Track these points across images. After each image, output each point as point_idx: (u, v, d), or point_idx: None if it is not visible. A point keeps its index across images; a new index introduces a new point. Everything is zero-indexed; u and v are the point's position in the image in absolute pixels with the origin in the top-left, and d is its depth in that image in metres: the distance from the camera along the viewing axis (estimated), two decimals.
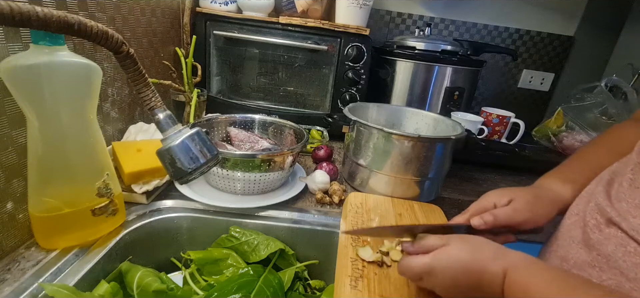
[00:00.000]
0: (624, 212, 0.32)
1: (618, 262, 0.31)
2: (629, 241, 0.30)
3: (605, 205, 0.34)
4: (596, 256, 0.33)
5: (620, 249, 0.31)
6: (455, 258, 0.34)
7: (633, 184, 0.33)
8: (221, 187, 0.60)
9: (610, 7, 1.18)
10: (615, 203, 0.34)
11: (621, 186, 0.34)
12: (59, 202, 0.42)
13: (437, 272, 0.35)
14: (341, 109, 0.84)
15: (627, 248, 0.30)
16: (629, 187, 0.33)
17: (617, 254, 0.31)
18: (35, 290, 0.38)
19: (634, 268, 0.29)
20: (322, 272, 0.58)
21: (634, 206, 0.32)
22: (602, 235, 0.33)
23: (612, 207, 0.34)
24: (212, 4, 0.88)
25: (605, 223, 0.34)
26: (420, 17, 1.21)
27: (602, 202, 0.35)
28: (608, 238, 0.32)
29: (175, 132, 0.37)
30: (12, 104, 0.40)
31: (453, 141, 0.62)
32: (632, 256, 0.30)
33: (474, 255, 0.34)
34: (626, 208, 0.32)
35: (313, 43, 0.89)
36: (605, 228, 0.33)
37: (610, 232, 0.33)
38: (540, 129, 1.10)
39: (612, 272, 0.31)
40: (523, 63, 1.28)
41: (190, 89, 0.78)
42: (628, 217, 0.31)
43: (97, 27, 0.31)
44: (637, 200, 0.32)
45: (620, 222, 0.32)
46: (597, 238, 0.33)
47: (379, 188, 0.64)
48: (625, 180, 0.34)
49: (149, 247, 0.54)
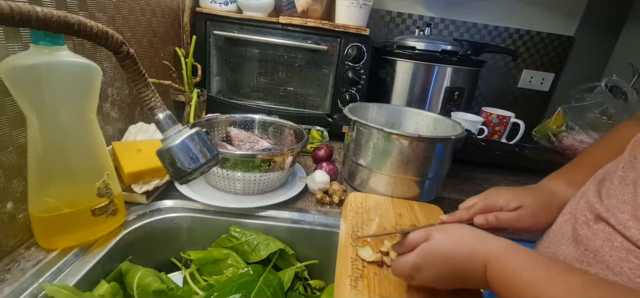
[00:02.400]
0: (613, 207, 0.33)
1: (605, 256, 0.31)
2: (616, 235, 0.31)
3: (595, 201, 0.35)
4: (584, 251, 0.33)
5: (607, 244, 0.31)
6: (436, 251, 0.35)
7: (623, 181, 0.34)
8: (221, 187, 0.60)
9: (610, 7, 1.18)
10: (605, 200, 0.34)
11: (612, 183, 0.35)
12: (59, 202, 0.42)
13: (423, 267, 0.36)
14: (341, 109, 0.84)
15: (614, 243, 0.31)
16: (619, 184, 0.34)
17: (604, 249, 0.31)
18: (35, 290, 0.38)
19: (620, 262, 0.30)
20: (322, 272, 0.58)
21: (622, 202, 0.32)
22: (591, 231, 0.34)
23: (601, 203, 0.34)
24: (212, 4, 0.88)
25: (593, 219, 0.34)
26: (420, 17, 1.21)
27: (592, 199, 0.35)
28: (596, 234, 0.33)
29: (175, 132, 0.37)
30: (12, 104, 0.40)
31: (453, 141, 0.62)
32: (618, 251, 0.30)
33: (454, 245, 0.35)
34: (615, 204, 0.33)
35: (313, 43, 0.89)
36: (593, 224, 0.34)
37: (598, 228, 0.33)
38: (540, 129, 1.10)
39: (599, 267, 0.32)
40: (523, 63, 1.28)
41: (190, 89, 0.78)
42: (616, 212, 0.32)
43: (97, 27, 0.31)
44: (626, 196, 0.32)
45: (608, 217, 0.32)
46: (585, 234, 0.34)
47: (379, 188, 0.64)
48: (616, 178, 0.35)
49: (149, 247, 0.54)
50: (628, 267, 0.29)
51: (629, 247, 0.30)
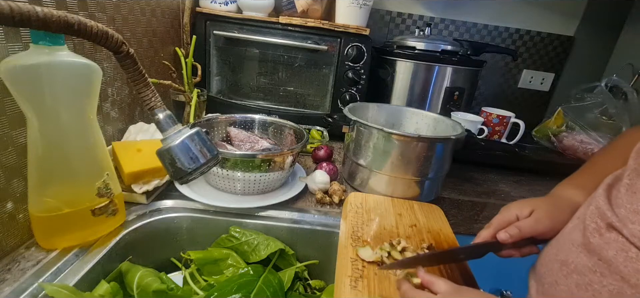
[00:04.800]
0: (623, 217, 0.32)
1: (619, 267, 0.31)
2: (630, 247, 0.30)
3: (606, 209, 0.34)
4: (597, 261, 0.33)
5: (621, 254, 0.31)
6: None
7: (630, 189, 0.33)
8: (221, 187, 0.60)
9: (610, 7, 1.18)
10: (615, 209, 0.34)
11: (619, 192, 0.34)
12: (59, 202, 0.42)
13: None
14: (341, 109, 0.84)
15: (629, 254, 0.30)
16: (626, 192, 0.33)
17: (619, 259, 0.31)
18: (35, 290, 0.38)
19: (636, 274, 0.29)
20: (322, 272, 0.58)
21: (632, 211, 0.32)
22: (603, 239, 0.33)
23: (612, 211, 0.33)
24: (212, 4, 0.88)
25: (605, 227, 0.33)
26: (420, 17, 1.21)
27: (603, 205, 0.35)
28: (608, 243, 0.32)
29: (175, 132, 0.37)
30: (12, 104, 0.40)
31: (453, 141, 0.62)
32: (633, 262, 0.30)
33: None
34: (624, 214, 0.32)
35: (313, 43, 0.89)
36: (605, 232, 0.33)
37: (610, 237, 0.32)
38: (540, 129, 1.10)
39: (613, 278, 0.31)
40: (523, 63, 1.28)
41: (190, 89, 0.78)
42: (627, 223, 0.31)
43: (97, 27, 0.31)
44: (635, 205, 0.32)
45: (621, 228, 0.31)
46: (597, 243, 0.33)
47: (379, 188, 0.64)
48: (623, 186, 0.34)
49: (149, 247, 0.54)
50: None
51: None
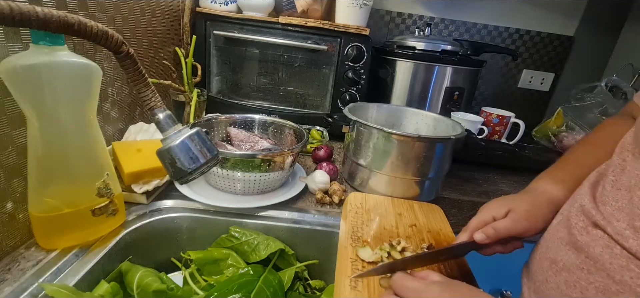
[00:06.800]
0: (608, 215, 0.32)
1: (605, 264, 0.31)
2: (614, 244, 0.31)
3: (590, 207, 0.34)
4: (585, 258, 0.33)
5: (607, 251, 0.31)
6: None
7: (615, 186, 0.33)
8: (221, 187, 0.60)
9: (610, 7, 1.18)
10: (600, 206, 0.34)
11: (604, 189, 0.35)
12: (59, 202, 0.42)
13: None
14: (341, 109, 0.84)
15: (614, 251, 0.31)
16: (612, 189, 0.34)
17: (604, 256, 0.31)
18: (35, 290, 0.38)
19: (620, 270, 0.30)
20: (322, 272, 0.58)
21: (617, 209, 0.32)
22: (590, 237, 0.33)
23: (597, 209, 0.34)
24: (212, 4, 0.88)
25: (591, 225, 0.34)
26: (420, 17, 1.21)
27: (587, 203, 0.35)
28: (595, 240, 0.33)
29: (175, 132, 0.37)
30: (12, 104, 0.40)
31: (453, 141, 0.62)
32: (618, 258, 0.30)
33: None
34: (610, 212, 0.32)
35: (313, 43, 0.89)
36: (592, 229, 0.33)
37: (597, 234, 0.33)
38: (540, 129, 1.10)
39: (599, 275, 0.31)
40: (523, 63, 1.28)
41: (190, 89, 0.78)
42: (612, 220, 0.32)
43: (97, 27, 0.31)
44: (620, 203, 0.32)
45: (605, 226, 0.32)
46: (585, 241, 0.34)
47: (379, 188, 0.64)
48: (608, 182, 0.34)
49: (149, 247, 0.54)
50: (629, 276, 0.29)
51: (629, 256, 0.29)
